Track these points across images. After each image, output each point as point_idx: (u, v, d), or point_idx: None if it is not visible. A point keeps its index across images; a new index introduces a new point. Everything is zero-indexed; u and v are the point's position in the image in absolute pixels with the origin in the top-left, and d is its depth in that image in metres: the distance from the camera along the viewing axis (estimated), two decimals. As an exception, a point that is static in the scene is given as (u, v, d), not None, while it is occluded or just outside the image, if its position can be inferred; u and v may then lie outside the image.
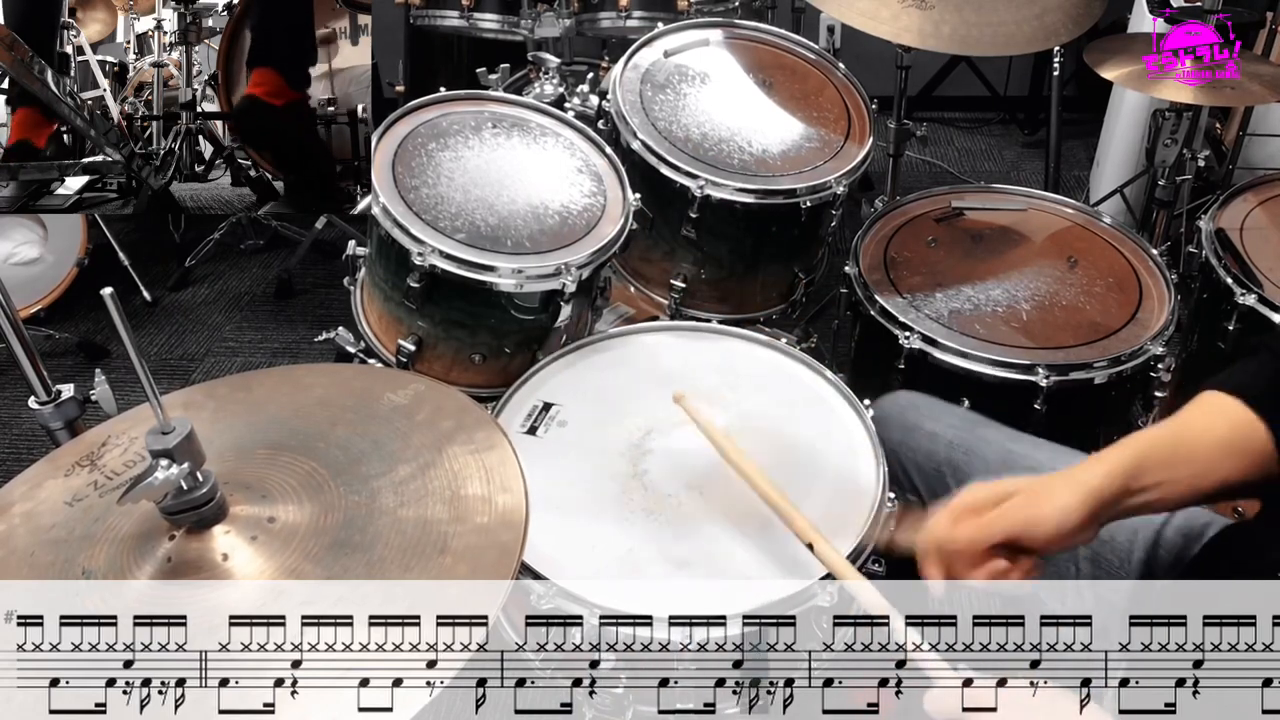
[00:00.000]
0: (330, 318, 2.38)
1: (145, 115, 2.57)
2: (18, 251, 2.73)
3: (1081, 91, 3.34)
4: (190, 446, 0.84)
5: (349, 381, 1.13)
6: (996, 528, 0.93)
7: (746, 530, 1.20)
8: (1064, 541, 0.92)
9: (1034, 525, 0.91)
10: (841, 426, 1.35)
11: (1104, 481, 0.92)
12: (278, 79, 2.56)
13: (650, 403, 1.38)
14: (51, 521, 0.92)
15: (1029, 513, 0.92)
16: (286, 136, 2.60)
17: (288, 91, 2.56)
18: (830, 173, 1.76)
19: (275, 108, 2.56)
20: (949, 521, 0.95)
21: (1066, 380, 1.57)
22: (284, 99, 2.56)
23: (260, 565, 0.86)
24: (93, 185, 2.50)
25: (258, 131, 2.60)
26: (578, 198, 1.60)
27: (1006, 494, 0.95)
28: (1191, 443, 0.95)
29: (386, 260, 1.53)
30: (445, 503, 0.91)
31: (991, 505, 0.94)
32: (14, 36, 2.34)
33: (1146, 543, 1.13)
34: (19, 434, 2.50)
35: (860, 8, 1.87)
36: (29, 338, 1.20)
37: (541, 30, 2.44)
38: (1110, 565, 1.14)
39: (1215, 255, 1.82)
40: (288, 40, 2.59)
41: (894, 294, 1.73)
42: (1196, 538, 1.11)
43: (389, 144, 1.58)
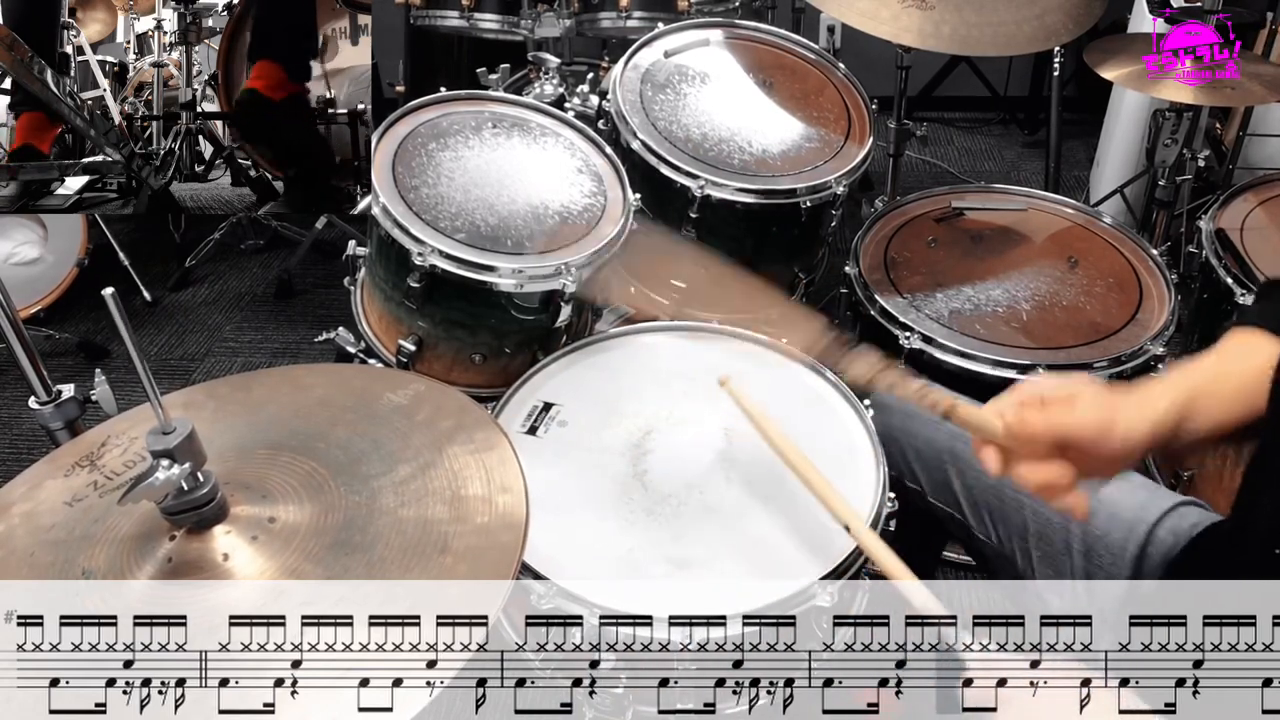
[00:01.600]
0: (330, 318, 2.38)
1: (145, 115, 2.57)
2: (18, 251, 2.73)
3: (1081, 91, 3.34)
4: (191, 446, 0.84)
5: (349, 381, 1.13)
6: (1069, 425, 0.90)
7: (746, 530, 1.21)
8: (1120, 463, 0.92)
9: (1106, 436, 0.90)
10: (841, 426, 1.35)
11: (1164, 415, 0.91)
12: (278, 71, 2.55)
13: (650, 403, 1.38)
14: (51, 522, 0.92)
15: (1104, 422, 0.90)
16: (286, 131, 2.60)
17: (288, 84, 2.55)
18: (830, 173, 1.76)
19: (274, 102, 2.55)
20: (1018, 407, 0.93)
21: (1066, 380, 1.57)
22: (284, 92, 2.55)
23: (261, 565, 0.86)
24: (93, 185, 2.49)
25: (257, 126, 2.60)
26: (578, 198, 1.60)
27: (1075, 395, 0.93)
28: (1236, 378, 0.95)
29: (387, 260, 1.53)
30: (446, 503, 0.91)
31: (1061, 402, 0.92)
32: (14, 36, 2.33)
33: (1140, 541, 1.13)
34: (19, 434, 2.50)
35: (860, 8, 1.87)
36: (29, 338, 1.20)
37: (541, 30, 2.44)
38: (1104, 562, 1.14)
39: (1215, 255, 1.82)
40: (289, 31, 2.59)
41: (894, 294, 1.73)
42: (1184, 538, 1.11)
43: (389, 144, 1.58)
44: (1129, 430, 0.90)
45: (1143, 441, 0.90)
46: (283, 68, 2.56)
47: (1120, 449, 0.90)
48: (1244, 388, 0.94)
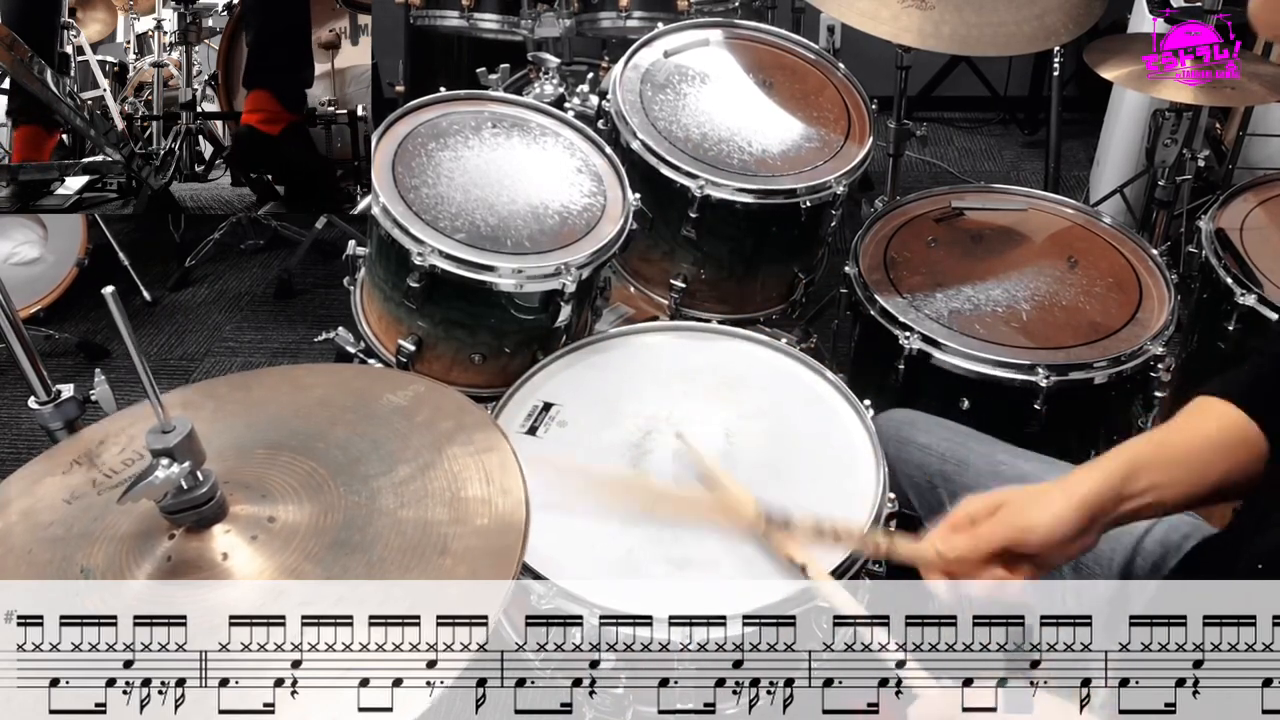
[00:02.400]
0: (330, 318, 2.38)
1: (145, 115, 2.57)
2: (18, 251, 2.73)
3: (1081, 91, 3.34)
4: (191, 445, 0.84)
5: (349, 382, 1.13)
6: (993, 537, 0.94)
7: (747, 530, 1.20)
8: (1059, 549, 0.94)
9: (1028, 533, 0.93)
10: (841, 427, 1.35)
11: (1096, 487, 0.93)
12: (273, 102, 2.54)
13: (650, 403, 1.38)
14: (50, 519, 0.92)
15: (1023, 521, 0.94)
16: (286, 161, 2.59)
17: (284, 115, 2.54)
18: (830, 173, 1.76)
19: (273, 137, 2.55)
20: (947, 532, 0.97)
21: (1066, 380, 1.57)
22: (280, 124, 2.54)
23: (260, 565, 0.86)
24: (93, 185, 2.50)
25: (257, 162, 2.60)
26: (578, 198, 1.60)
27: (1000, 504, 0.96)
28: (1181, 445, 0.97)
29: (386, 260, 1.53)
30: (445, 504, 0.91)
31: (986, 515, 0.96)
32: (14, 36, 2.33)
33: (1126, 551, 1.14)
34: (19, 434, 2.50)
35: (860, 8, 1.87)
36: (29, 338, 1.20)
37: (541, 30, 2.44)
38: (1091, 574, 1.15)
39: (1215, 255, 1.82)
40: (283, 51, 2.58)
41: (894, 294, 1.73)
42: (1175, 549, 1.12)
43: (389, 144, 1.58)
44: (1055, 514, 0.92)
45: (1072, 518, 0.92)
46: (277, 98, 2.55)
47: (1048, 536, 0.92)
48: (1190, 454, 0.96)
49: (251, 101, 2.56)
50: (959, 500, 1.23)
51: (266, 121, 2.54)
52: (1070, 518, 0.92)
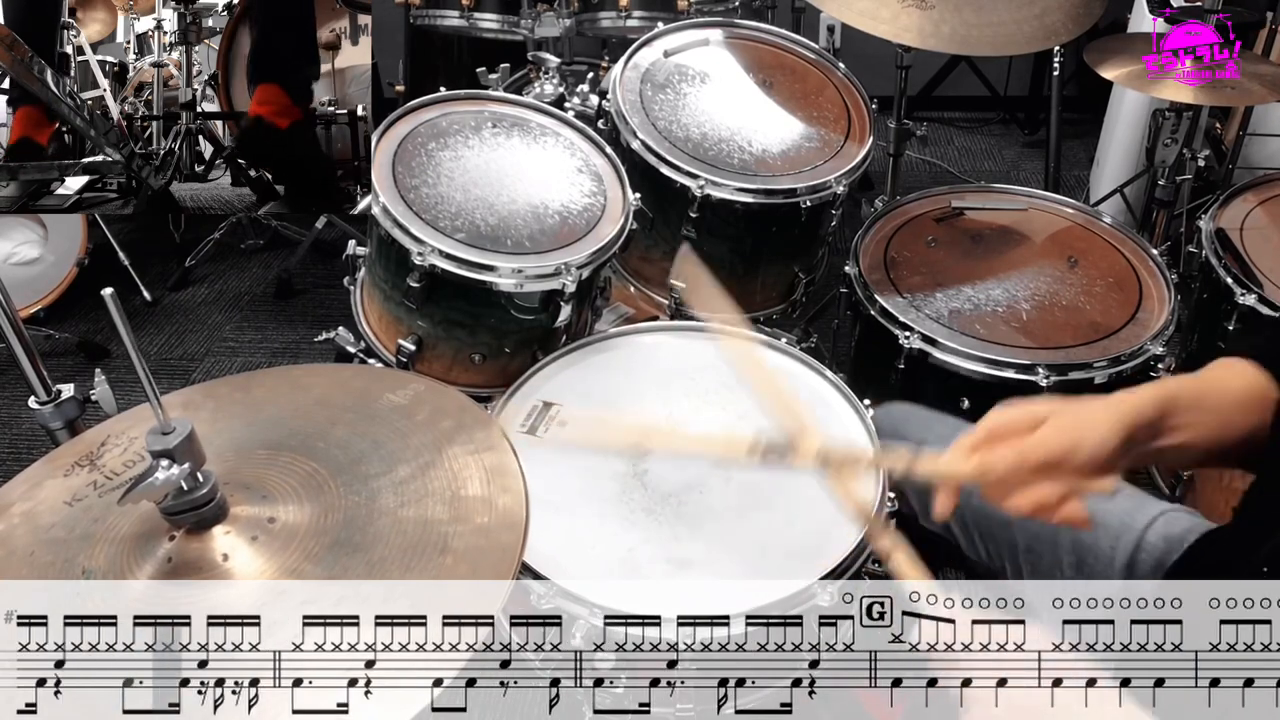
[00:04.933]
0: (330, 318, 2.37)
1: (145, 115, 2.57)
2: (18, 251, 2.73)
3: (1081, 91, 3.34)
4: (191, 447, 0.84)
5: (349, 381, 1.13)
6: (1039, 451, 0.89)
7: (746, 530, 1.21)
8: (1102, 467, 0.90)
9: (1076, 449, 0.89)
10: (841, 426, 1.35)
11: (1139, 409, 0.91)
12: (282, 95, 2.55)
13: (650, 403, 1.38)
14: (51, 521, 0.92)
15: (1071, 435, 0.89)
16: (290, 156, 2.60)
17: (292, 109, 2.54)
18: (830, 172, 1.76)
19: (281, 130, 2.55)
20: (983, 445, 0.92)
21: (1066, 380, 1.57)
22: (289, 118, 2.54)
23: (260, 565, 0.86)
24: (93, 185, 2.49)
25: (263, 153, 2.60)
26: (578, 197, 1.60)
27: (1039, 418, 0.92)
28: (1215, 393, 0.95)
29: (386, 260, 1.53)
30: (446, 503, 0.91)
31: (1026, 429, 0.91)
32: (14, 36, 2.33)
33: (1129, 547, 1.13)
34: (19, 434, 2.50)
35: (860, 8, 1.87)
36: (29, 338, 1.20)
37: (541, 30, 2.44)
38: (1095, 570, 1.14)
39: (1215, 255, 1.82)
40: (290, 46, 2.58)
41: (894, 294, 1.73)
42: (1177, 543, 1.11)
43: (389, 144, 1.58)
44: (1099, 436, 0.89)
45: (1118, 442, 0.89)
46: (286, 91, 2.55)
47: (1096, 455, 0.89)
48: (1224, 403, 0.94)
49: (261, 94, 2.56)
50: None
51: (276, 114, 2.54)
52: (1115, 436, 0.89)
